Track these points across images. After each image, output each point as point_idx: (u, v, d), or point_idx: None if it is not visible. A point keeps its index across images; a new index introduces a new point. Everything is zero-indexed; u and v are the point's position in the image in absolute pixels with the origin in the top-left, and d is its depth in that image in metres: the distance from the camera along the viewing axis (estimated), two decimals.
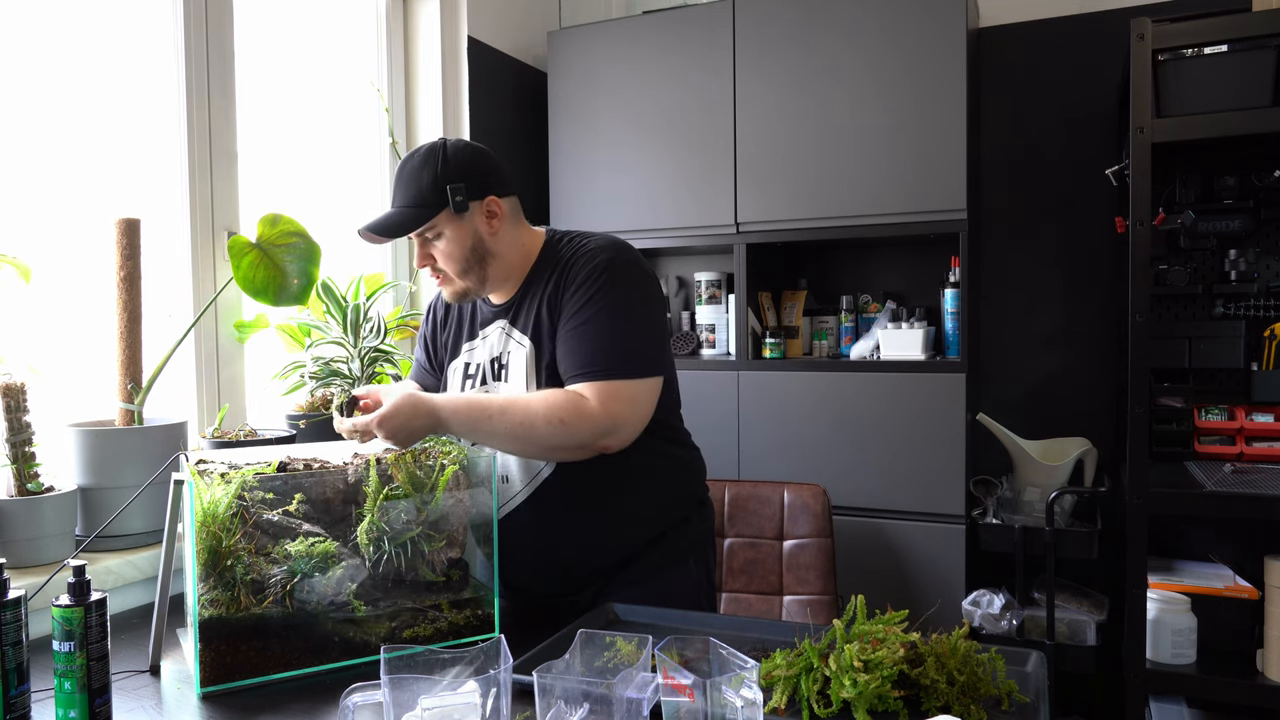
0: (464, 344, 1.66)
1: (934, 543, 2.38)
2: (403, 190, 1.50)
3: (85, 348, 1.81)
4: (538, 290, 1.55)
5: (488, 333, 1.61)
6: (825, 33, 2.46)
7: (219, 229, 2.00)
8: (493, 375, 1.58)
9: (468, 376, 1.61)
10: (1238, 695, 1.99)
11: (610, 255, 1.51)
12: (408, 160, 1.51)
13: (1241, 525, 2.37)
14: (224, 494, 1.23)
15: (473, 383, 1.60)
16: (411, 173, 1.49)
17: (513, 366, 1.54)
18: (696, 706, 0.95)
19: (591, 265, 1.49)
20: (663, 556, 1.59)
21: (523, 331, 1.54)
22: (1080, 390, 2.67)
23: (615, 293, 1.47)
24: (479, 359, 1.61)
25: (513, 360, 1.54)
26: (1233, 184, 2.34)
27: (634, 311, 1.49)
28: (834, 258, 2.91)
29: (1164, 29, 2.00)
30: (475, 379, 1.60)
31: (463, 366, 1.63)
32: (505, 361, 1.55)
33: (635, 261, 1.54)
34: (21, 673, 1.08)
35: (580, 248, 1.54)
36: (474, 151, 1.53)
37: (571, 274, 1.50)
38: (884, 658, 1.08)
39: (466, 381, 1.61)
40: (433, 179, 1.47)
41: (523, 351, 1.52)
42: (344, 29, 2.50)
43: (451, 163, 1.49)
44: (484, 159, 1.54)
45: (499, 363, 1.57)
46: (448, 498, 1.38)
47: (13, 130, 1.69)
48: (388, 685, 0.95)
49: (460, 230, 1.50)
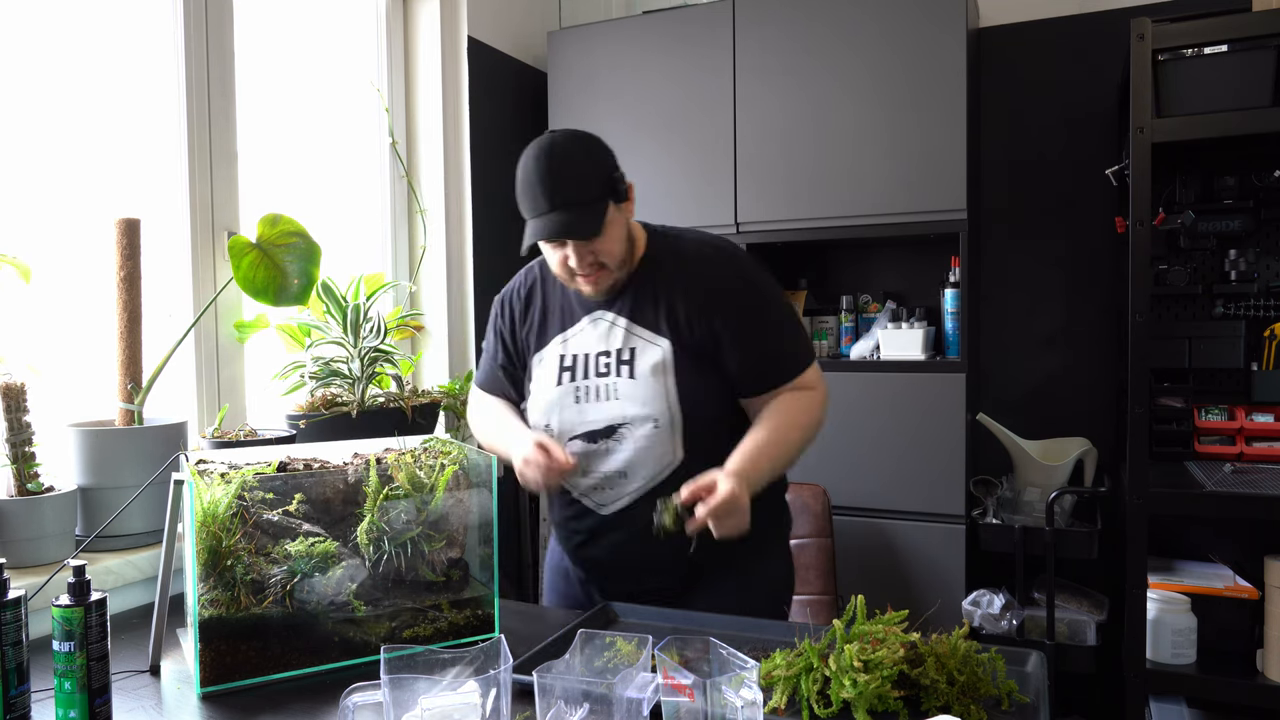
0: (555, 333, 1.61)
1: (934, 543, 2.38)
2: (564, 190, 1.42)
3: (85, 348, 1.81)
4: (655, 283, 1.53)
5: (586, 324, 1.57)
6: (825, 33, 2.46)
7: (219, 229, 2.00)
8: (600, 370, 1.54)
9: (565, 368, 1.56)
10: (1238, 695, 1.99)
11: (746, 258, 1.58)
12: (552, 154, 1.44)
13: (1241, 525, 2.37)
14: (224, 494, 1.23)
15: (570, 375, 1.55)
16: (573, 166, 1.43)
17: (640, 363, 1.51)
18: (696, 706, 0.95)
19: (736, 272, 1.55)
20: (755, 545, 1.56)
21: (651, 329, 1.52)
22: (1080, 390, 2.67)
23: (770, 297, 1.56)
24: (579, 349, 1.57)
25: (640, 356, 1.51)
26: (1233, 184, 2.34)
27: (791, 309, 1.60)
28: (834, 258, 2.91)
29: (1164, 29, 2.00)
30: (574, 370, 1.56)
31: (557, 359, 1.58)
32: (627, 358, 1.51)
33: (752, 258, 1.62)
34: (21, 673, 1.08)
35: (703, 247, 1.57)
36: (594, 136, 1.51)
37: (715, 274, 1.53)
38: (884, 658, 1.08)
39: (564, 374, 1.56)
40: (597, 172, 1.45)
41: (659, 350, 1.50)
42: (344, 29, 2.50)
43: (603, 150, 1.49)
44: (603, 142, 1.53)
45: (617, 357, 1.52)
46: (448, 498, 1.38)
47: (13, 130, 1.69)
48: (388, 685, 0.95)
49: (619, 220, 1.49)
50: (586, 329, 1.57)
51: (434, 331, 2.64)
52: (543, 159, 1.44)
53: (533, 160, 1.45)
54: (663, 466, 1.51)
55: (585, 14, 3.11)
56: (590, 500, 1.57)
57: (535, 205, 1.45)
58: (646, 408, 1.49)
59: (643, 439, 1.50)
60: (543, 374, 1.60)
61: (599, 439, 1.53)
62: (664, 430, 1.49)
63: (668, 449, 1.50)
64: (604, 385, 1.53)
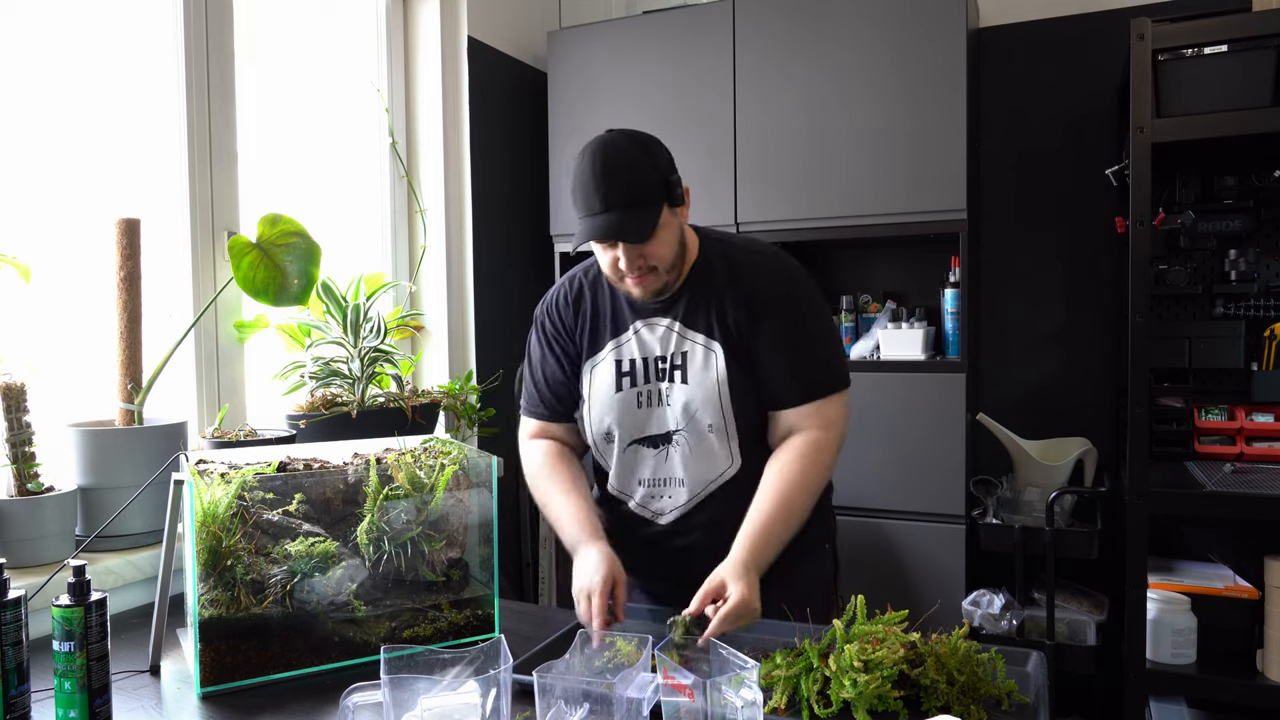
0: (607, 340, 1.58)
1: (934, 543, 2.38)
2: (619, 191, 1.39)
3: (85, 348, 1.81)
4: (712, 292, 1.51)
5: (641, 328, 1.55)
6: (825, 33, 2.45)
7: (219, 229, 2.00)
8: (656, 375, 1.53)
9: (622, 374, 1.55)
10: (1238, 695, 1.99)
11: (796, 270, 1.55)
12: (608, 152, 1.41)
13: (1241, 525, 2.37)
14: (224, 494, 1.23)
15: (630, 380, 1.54)
16: (625, 168, 1.40)
17: (692, 367, 1.50)
18: (696, 706, 0.95)
19: (785, 285, 1.52)
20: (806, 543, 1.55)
21: (704, 334, 1.50)
22: (1080, 390, 2.67)
23: (816, 308, 1.54)
24: (633, 355, 1.55)
25: (692, 361, 1.50)
26: (1233, 184, 2.34)
27: (832, 327, 1.58)
28: (834, 258, 2.91)
29: (1164, 29, 2.00)
30: (634, 375, 1.54)
31: (613, 365, 1.56)
32: (680, 362, 1.51)
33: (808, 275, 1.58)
34: (21, 673, 1.08)
35: (755, 256, 1.54)
36: (656, 138, 1.48)
37: (763, 282, 1.51)
38: (884, 658, 1.08)
39: (623, 379, 1.54)
40: (654, 174, 1.42)
41: (711, 355, 1.49)
42: (344, 29, 2.50)
43: (660, 152, 1.45)
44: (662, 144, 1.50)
45: (670, 362, 1.52)
46: (448, 498, 1.38)
47: (13, 130, 1.69)
48: (388, 685, 0.95)
49: (673, 224, 1.46)
50: (642, 332, 1.55)
51: (434, 331, 2.64)
52: (599, 158, 1.40)
53: (589, 159, 1.41)
54: (718, 472, 1.51)
55: (585, 14, 3.11)
56: (647, 508, 1.56)
57: (589, 205, 1.41)
58: (701, 413, 1.49)
59: (700, 444, 1.50)
60: (600, 380, 1.57)
61: (660, 444, 1.53)
62: (719, 436, 1.49)
63: (723, 454, 1.50)
64: (661, 390, 1.52)
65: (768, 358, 1.49)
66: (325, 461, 1.38)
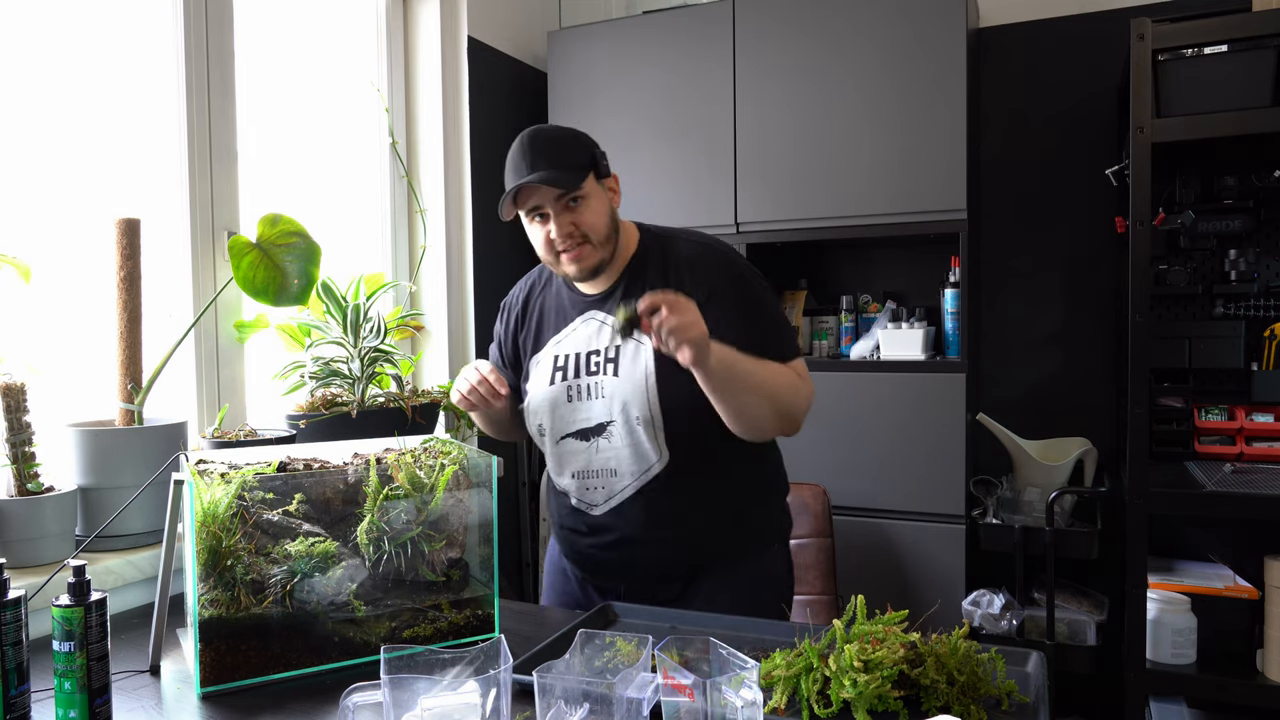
0: (549, 335, 1.63)
1: (934, 543, 2.38)
2: (548, 155, 1.47)
3: (85, 348, 1.81)
4: (644, 282, 1.54)
5: (578, 324, 1.59)
6: (825, 32, 2.45)
7: (219, 229, 2.00)
8: (589, 369, 1.55)
9: (557, 369, 1.58)
10: (1238, 695, 1.99)
11: (738, 257, 1.59)
12: (537, 133, 1.50)
13: (1241, 525, 2.37)
14: (224, 494, 1.23)
15: (563, 375, 1.57)
16: (550, 139, 1.49)
17: (624, 360, 1.52)
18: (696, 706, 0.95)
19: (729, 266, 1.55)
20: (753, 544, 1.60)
21: None
22: (1080, 390, 2.67)
23: (762, 289, 1.57)
24: (570, 349, 1.58)
25: (624, 354, 1.52)
26: (1233, 184, 2.34)
27: (778, 305, 1.60)
28: (834, 258, 2.91)
29: (1164, 29, 2.00)
30: (566, 370, 1.57)
31: (551, 359, 1.60)
32: (613, 355, 1.53)
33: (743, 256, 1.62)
34: (21, 673, 1.08)
35: (694, 246, 1.58)
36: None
37: (704, 271, 1.53)
38: (884, 658, 1.08)
39: (556, 374, 1.58)
40: (577, 144, 1.51)
41: (641, 348, 1.51)
42: (344, 29, 2.50)
43: (585, 134, 1.54)
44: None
45: (605, 356, 1.54)
46: (448, 498, 1.38)
47: (13, 130, 1.69)
48: (388, 685, 0.95)
49: (601, 197, 1.52)
50: (579, 328, 1.59)
51: (434, 331, 2.64)
52: (526, 137, 1.50)
53: (517, 141, 1.51)
54: (648, 464, 1.52)
55: (585, 14, 3.11)
56: (583, 501, 1.58)
57: (517, 173, 1.48)
58: (629, 405, 1.51)
59: (629, 437, 1.51)
60: (538, 375, 1.62)
61: (590, 436, 1.54)
62: (646, 427, 1.50)
63: (652, 448, 1.51)
64: (594, 384, 1.54)
65: (731, 334, 1.46)
66: (325, 461, 1.38)
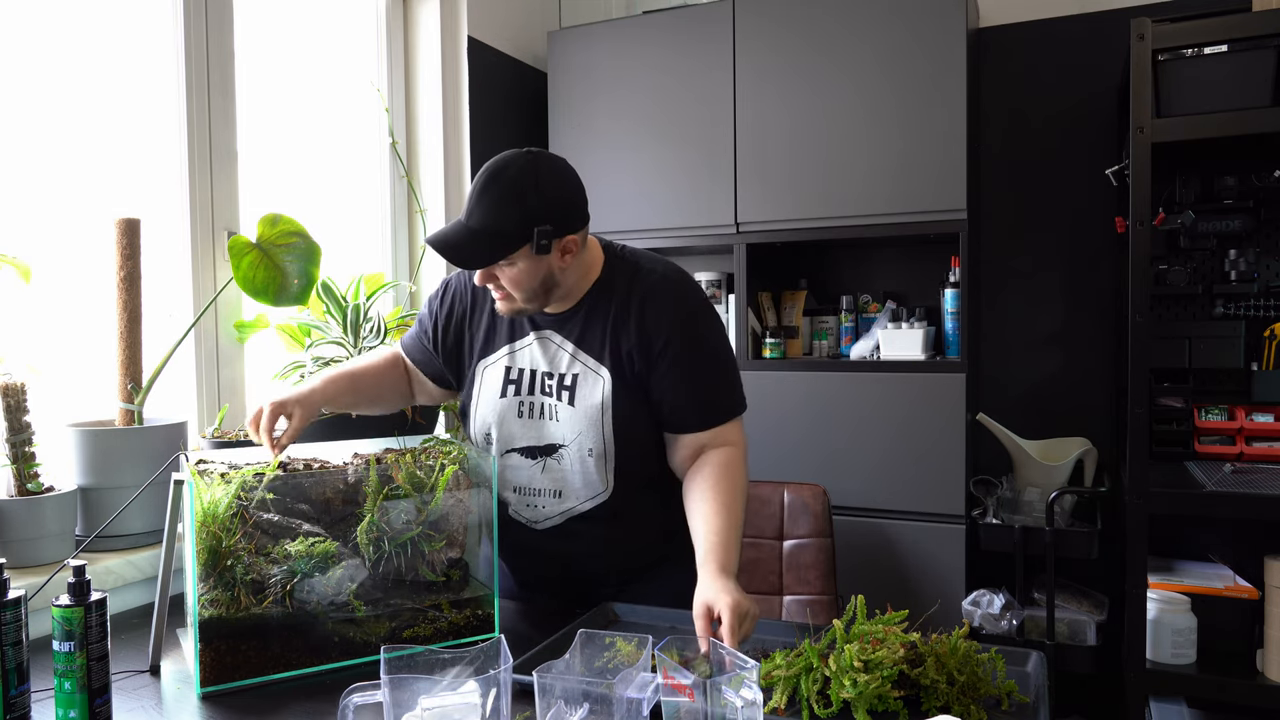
0: (502, 343, 1.58)
1: (934, 543, 2.38)
2: (482, 212, 1.36)
3: (85, 348, 1.81)
4: (606, 312, 1.51)
5: (533, 341, 1.55)
6: (825, 32, 2.45)
7: (219, 229, 2.00)
8: (543, 389, 1.53)
9: (510, 381, 1.56)
10: (1238, 695, 1.99)
11: (694, 296, 1.55)
12: (494, 179, 1.37)
13: (1241, 525, 2.37)
14: (224, 494, 1.23)
15: (515, 389, 1.55)
16: (498, 200, 1.36)
17: (581, 391, 1.50)
18: (696, 706, 0.95)
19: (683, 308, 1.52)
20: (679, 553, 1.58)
21: (595, 358, 1.50)
22: (1080, 390, 2.67)
23: (714, 335, 1.55)
24: (524, 364, 1.55)
25: (582, 384, 1.50)
26: (1233, 184, 2.34)
27: (728, 351, 1.58)
28: (834, 258, 2.91)
29: (1164, 29, 2.00)
30: (520, 385, 1.55)
31: (503, 371, 1.56)
32: (569, 383, 1.51)
33: (704, 294, 1.59)
34: (21, 673, 1.08)
35: (654, 279, 1.52)
36: (565, 183, 1.43)
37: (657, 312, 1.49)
38: (884, 658, 1.08)
39: (509, 386, 1.55)
40: (520, 216, 1.36)
41: (600, 381, 1.49)
42: (344, 29, 2.50)
43: (543, 200, 1.38)
44: (573, 191, 1.44)
45: (560, 381, 1.52)
46: (448, 498, 1.38)
47: (13, 130, 1.69)
48: (388, 685, 0.95)
49: (535, 265, 1.41)
50: (534, 346, 1.55)
51: None
52: (487, 173, 1.39)
53: (484, 169, 1.40)
54: (594, 493, 1.53)
55: (585, 14, 3.11)
56: (520, 515, 1.58)
57: (463, 211, 1.41)
58: (583, 437, 1.50)
59: (578, 464, 1.51)
60: (489, 383, 1.58)
61: (538, 455, 1.54)
62: (597, 459, 1.50)
63: (599, 478, 1.52)
64: (546, 405, 1.53)
65: (670, 384, 1.49)
66: (325, 461, 1.38)
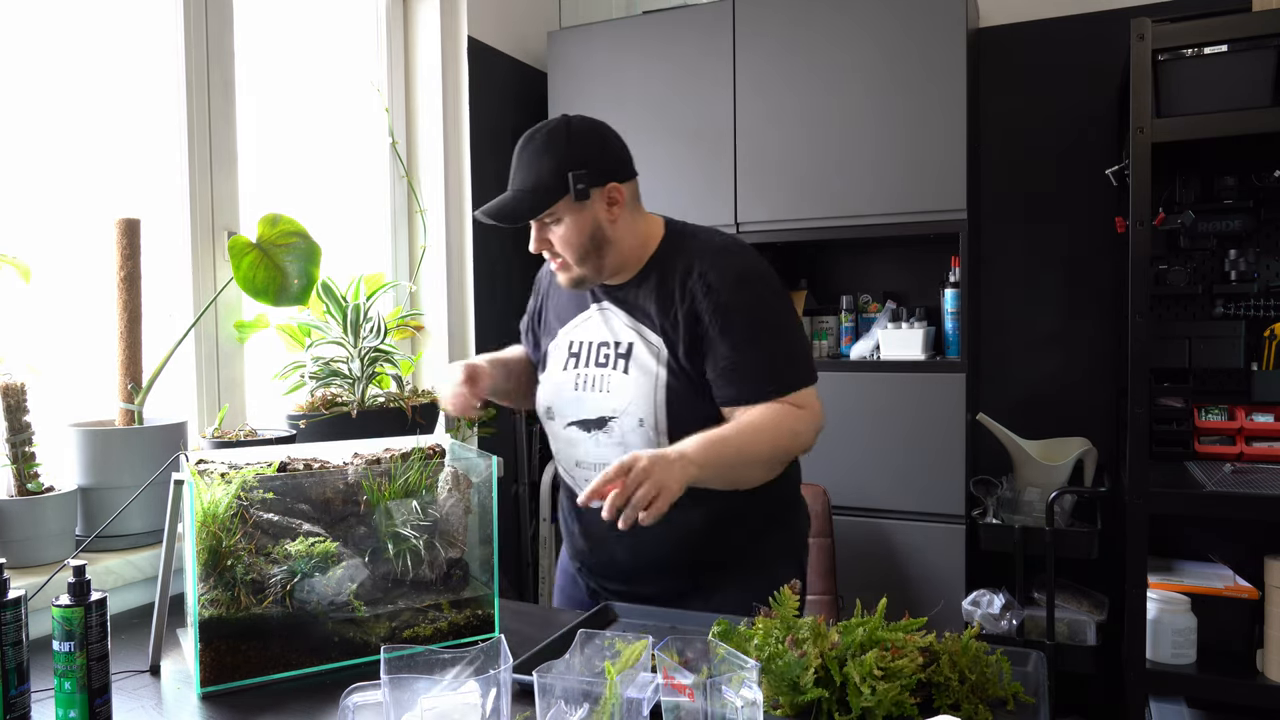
0: (567, 320, 1.61)
1: (934, 543, 2.38)
2: (522, 172, 1.45)
3: (85, 348, 1.81)
4: (661, 283, 1.51)
5: (594, 312, 1.57)
6: (825, 32, 2.46)
7: (219, 229, 2.00)
8: (598, 361, 1.53)
9: (571, 354, 1.57)
10: (1238, 695, 1.99)
11: (752, 265, 1.51)
12: (529, 140, 1.46)
13: (1241, 525, 2.37)
14: (224, 494, 1.23)
15: (575, 361, 1.56)
16: (533, 155, 1.45)
17: (635, 359, 1.50)
18: (696, 706, 0.95)
19: (736, 275, 1.48)
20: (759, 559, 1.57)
21: (650, 328, 1.50)
22: (1080, 390, 2.67)
23: (777, 302, 1.51)
24: (584, 337, 1.57)
25: (636, 353, 1.50)
26: (1233, 184, 2.34)
27: (795, 319, 1.54)
28: (834, 258, 2.91)
29: (1164, 29, 2.00)
30: (579, 358, 1.56)
31: (566, 344, 1.59)
32: (624, 352, 1.51)
33: (768, 266, 1.55)
34: (21, 673, 1.08)
35: (712, 248, 1.51)
36: (598, 133, 1.48)
37: (712, 279, 1.46)
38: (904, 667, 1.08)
39: (570, 360, 1.57)
40: (555, 164, 1.43)
41: (654, 350, 1.49)
42: (344, 29, 2.50)
43: (575, 146, 1.44)
44: (609, 140, 1.50)
45: (616, 352, 1.52)
46: (448, 498, 1.38)
47: (13, 130, 1.69)
48: (388, 685, 0.95)
49: (580, 217, 1.45)
50: (594, 317, 1.57)
51: (434, 331, 2.64)
52: (520, 144, 1.48)
53: (523, 135, 1.49)
54: None
55: (585, 14, 3.11)
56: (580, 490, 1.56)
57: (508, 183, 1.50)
58: (635, 405, 1.49)
59: (631, 434, 1.50)
60: (554, 359, 1.61)
61: (591, 428, 1.53)
62: (649, 430, 1.49)
63: (653, 448, 1.48)
64: (601, 376, 1.53)
65: (728, 354, 1.45)
66: (325, 461, 1.38)
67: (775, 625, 1.16)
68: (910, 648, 1.12)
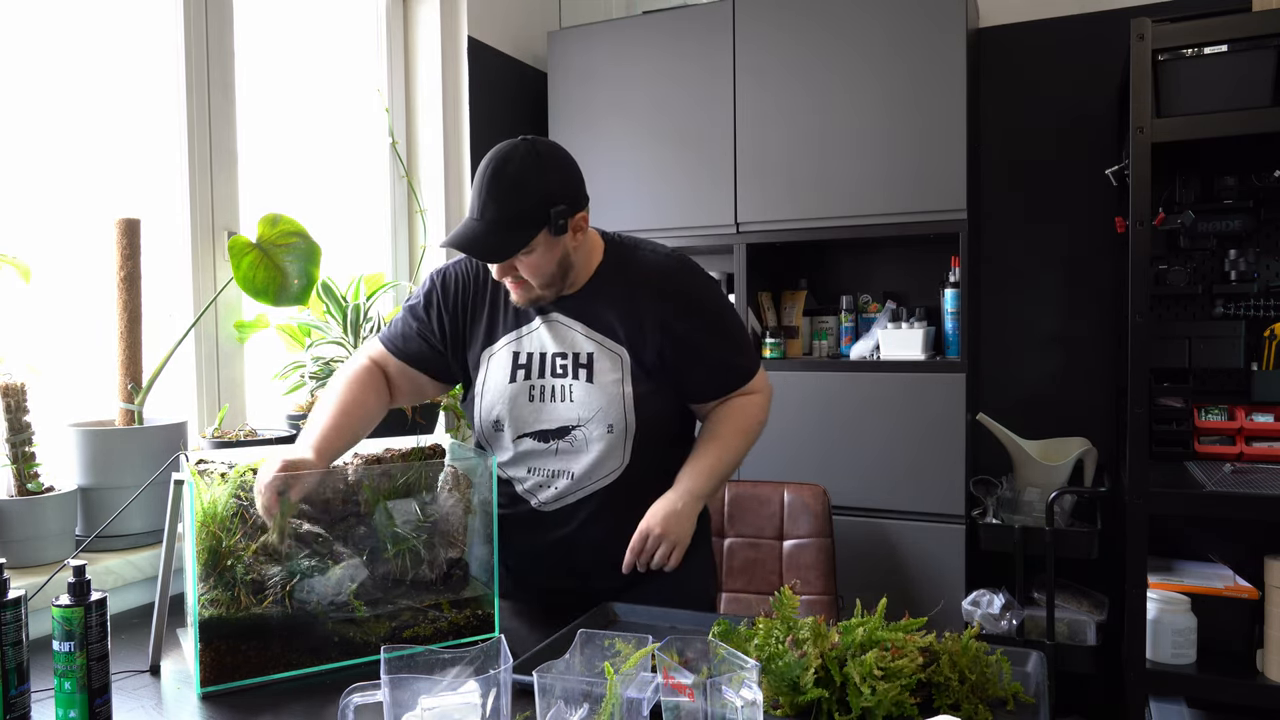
0: (508, 330, 1.58)
1: (934, 543, 2.38)
2: (500, 202, 1.39)
3: (85, 348, 1.81)
4: (615, 294, 1.54)
5: (540, 324, 1.56)
6: (825, 32, 2.46)
7: (219, 229, 2.00)
8: (554, 371, 1.53)
9: (519, 366, 1.56)
10: (1238, 695, 1.99)
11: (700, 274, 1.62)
12: (500, 169, 1.39)
13: (1241, 525, 2.37)
14: (224, 494, 1.23)
15: (525, 373, 1.55)
16: (509, 187, 1.39)
17: (598, 368, 1.52)
18: (696, 706, 0.95)
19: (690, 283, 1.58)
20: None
21: (612, 338, 1.52)
22: (1080, 390, 2.67)
23: (724, 308, 1.62)
24: (533, 349, 1.56)
25: (599, 362, 1.52)
26: (1233, 184, 2.34)
27: (736, 319, 1.65)
28: (834, 258, 2.91)
29: (1164, 29, 2.00)
30: (529, 369, 1.55)
31: (510, 357, 1.57)
32: (585, 361, 1.53)
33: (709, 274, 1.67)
34: (21, 673, 1.08)
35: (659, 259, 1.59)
36: (567, 161, 1.46)
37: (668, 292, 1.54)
38: (904, 667, 1.08)
39: (518, 371, 1.56)
40: (536, 199, 1.39)
41: (617, 359, 1.52)
42: (344, 29, 2.50)
43: (552, 178, 1.41)
44: (573, 168, 1.47)
45: (575, 360, 1.53)
46: (448, 498, 1.38)
47: (13, 130, 1.69)
48: (388, 685, 0.95)
49: (552, 248, 1.44)
50: (542, 330, 1.56)
51: None
52: (491, 165, 1.41)
53: (484, 165, 1.42)
54: (609, 471, 1.53)
55: (585, 14, 3.11)
56: (533, 497, 1.56)
57: (471, 209, 1.44)
58: (603, 412, 1.50)
59: (595, 443, 1.51)
60: (495, 369, 1.57)
61: (550, 439, 1.54)
62: (616, 436, 1.51)
63: (617, 455, 1.52)
64: (560, 386, 1.53)
65: (691, 360, 1.55)
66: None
67: (775, 625, 1.16)
68: (910, 648, 1.12)
